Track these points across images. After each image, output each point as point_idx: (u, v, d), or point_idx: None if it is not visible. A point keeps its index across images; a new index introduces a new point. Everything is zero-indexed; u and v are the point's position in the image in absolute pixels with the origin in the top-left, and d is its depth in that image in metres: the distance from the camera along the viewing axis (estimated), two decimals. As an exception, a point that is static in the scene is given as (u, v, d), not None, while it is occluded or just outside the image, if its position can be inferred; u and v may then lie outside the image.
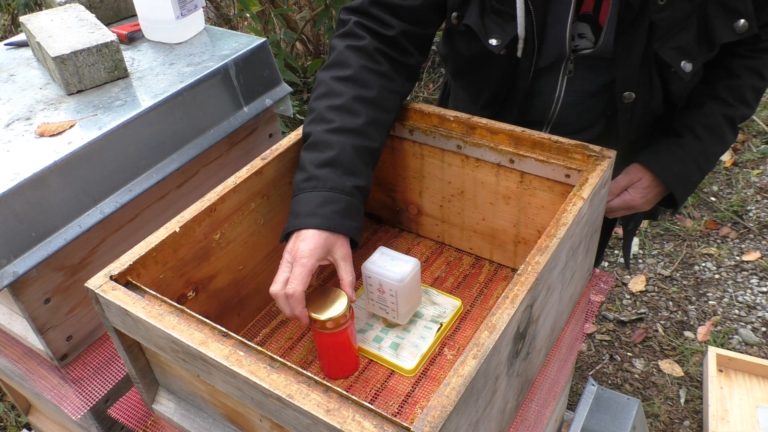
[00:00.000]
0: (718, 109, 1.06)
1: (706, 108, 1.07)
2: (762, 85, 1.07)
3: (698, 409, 1.85)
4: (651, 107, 1.05)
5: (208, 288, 0.89)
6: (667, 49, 0.95)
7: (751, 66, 1.06)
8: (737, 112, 1.07)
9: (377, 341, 0.94)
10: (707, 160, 1.09)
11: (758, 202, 2.51)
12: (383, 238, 1.16)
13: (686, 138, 1.07)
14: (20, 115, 0.99)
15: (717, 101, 1.07)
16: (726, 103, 1.06)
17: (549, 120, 1.12)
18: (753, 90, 1.07)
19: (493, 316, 0.66)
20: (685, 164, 1.07)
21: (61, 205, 0.89)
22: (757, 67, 1.06)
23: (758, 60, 1.05)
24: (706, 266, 2.29)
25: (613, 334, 2.10)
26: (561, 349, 0.96)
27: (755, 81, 1.07)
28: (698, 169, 1.09)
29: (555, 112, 1.11)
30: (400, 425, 0.56)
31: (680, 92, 1.05)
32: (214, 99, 1.07)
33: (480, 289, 1.04)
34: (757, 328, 2.05)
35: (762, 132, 2.81)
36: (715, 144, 1.08)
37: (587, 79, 1.06)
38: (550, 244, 0.74)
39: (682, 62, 0.96)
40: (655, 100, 1.04)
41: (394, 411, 0.85)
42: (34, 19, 1.12)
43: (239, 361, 0.63)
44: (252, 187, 0.90)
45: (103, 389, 0.96)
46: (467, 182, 1.02)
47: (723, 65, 1.07)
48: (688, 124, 1.08)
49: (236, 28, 3.14)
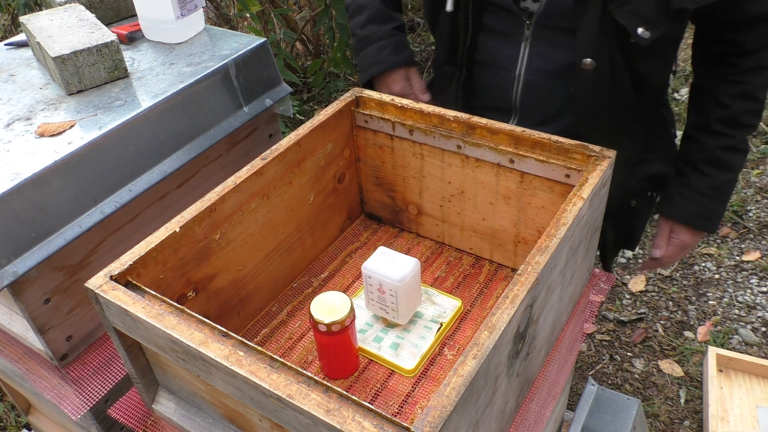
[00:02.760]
0: (714, 143, 1.07)
1: (703, 143, 1.08)
2: (758, 106, 1.06)
3: (698, 409, 1.85)
4: (616, 84, 1.02)
5: (208, 288, 0.89)
6: (623, 12, 0.93)
7: (740, 93, 1.05)
8: (737, 138, 1.07)
9: (377, 341, 0.94)
10: (721, 191, 1.10)
11: (758, 202, 2.52)
12: (383, 238, 1.16)
13: (691, 177, 1.09)
14: (20, 115, 0.99)
15: (711, 135, 1.07)
16: (722, 135, 1.07)
17: (514, 104, 1.12)
18: (749, 114, 1.06)
19: (493, 316, 0.66)
20: (700, 203, 1.09)
21: (61, 205, 0.89)
22: (746, 93, 1.05)
23: (746, 85, 1.04)
24: (706, 266, 2.29)
25: (613, 334, 2.10)
26: (561, 349, 0.96)
27: (749, 105, 1.05)
28: (714, 201, 1.10)
29: (518, 94, 1.10)
30: (400, 425, 0.56)
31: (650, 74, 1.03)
32: (214, 99, 1.07)
33: (480, 289, 1.04)
34: (757, 328, 2.05)
35: (762, 132, 2.81)
36: (722, 175, 1.09)
37: (548, 57, 1.05)
38: (550, 244, 0.74)
39: (639, 29, 0.94)
40: (618, 75, 1.02)
41: (394, 411, 0.85)
42: (34, 19, 1.12)
43: (239, 361, 0.63)
44: (252, 187, 0.90)
45: (103, 389, 0.96)
46: (467, 182, 1.02)
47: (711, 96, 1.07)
48: (689, 162, 1.10)
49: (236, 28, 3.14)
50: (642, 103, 1.08)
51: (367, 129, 1.07)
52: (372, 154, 1.10)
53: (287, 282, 1.06)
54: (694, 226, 1.12)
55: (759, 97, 1.05)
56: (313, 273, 1.09)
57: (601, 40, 0.98)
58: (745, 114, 1.06)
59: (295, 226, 1.03)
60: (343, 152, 1.08)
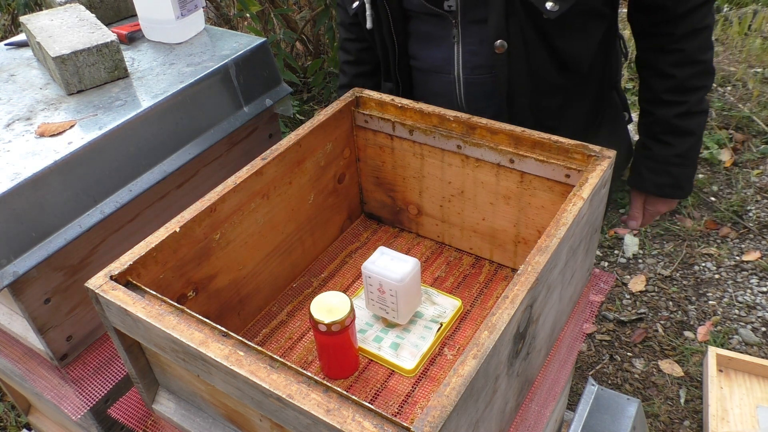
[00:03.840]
0: (669, 112, 1.09)
1: (658, 115, 1.10)
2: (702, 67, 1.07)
3: (698, 409, 1.85)
4: (536, 65, 1.02)
5: (208, 288, 0.89)
6: None
7: (680, 60, 1.05)
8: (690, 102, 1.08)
9: (377, 341, 0.94)
10: (687, 156, 1.12)
11: (758, 202, 2.52)
12: (383, 238, 1.16)
13: (654, 149, 1.11)
14: (20, 115, 0.99)
15: (664, 105, 1.09)
16: (675, 104, 1.08)
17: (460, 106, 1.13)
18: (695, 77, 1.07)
19: (493, 316, 0.66)
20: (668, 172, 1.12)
21: (61, 205, 0.89)
22: (687, 59, 1.05)
23: (684, 51, 1.05)
24: (706, 266, 2.29)
25: (613, 334, 2.10)
26: (561, 349, 0.96)
27: (692, 69, 1.06)
28: (682, 167, 1.12)
29: (461, 95, 1.11)
30: (400, 425, 0.56)
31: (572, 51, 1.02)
32: (214, 99, 1.07)
33: (480, 289, 1.04)
34: (757, 328, 2.05)
35: (762, 132, 2.81)
36: (684, 141, 1.11)
37: (477, 53, 1.05)
38: (550, 244, 0.74)
39: (548, 3, 0.93)
40: (537, 56, 1.01)
41: (394, 411, 0.85)
42: (34, 19, 1.12)
43: (239, 361, 0.63)
44: (252, 187, 0.90)
45: (103, 389, 0.96)
46: (467, 182, 1.02)
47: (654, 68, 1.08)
48: (650, 134, 1.12)
49: (236, 28, 3.14)
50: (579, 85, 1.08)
51: (367, 129, 1.07)
52: (372, 154, 1.10)
53: (287, 282, 1.06)
54: (666, 195, 1.15)
55: (700, 59, 1.06)
56: (313, 273, 1.09)
57: (511, 21, 0.97)
58: (691, 78, 1.07)
59: (295, 226, 1.03)
60: (343, 152, 1.08)
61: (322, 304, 0.83)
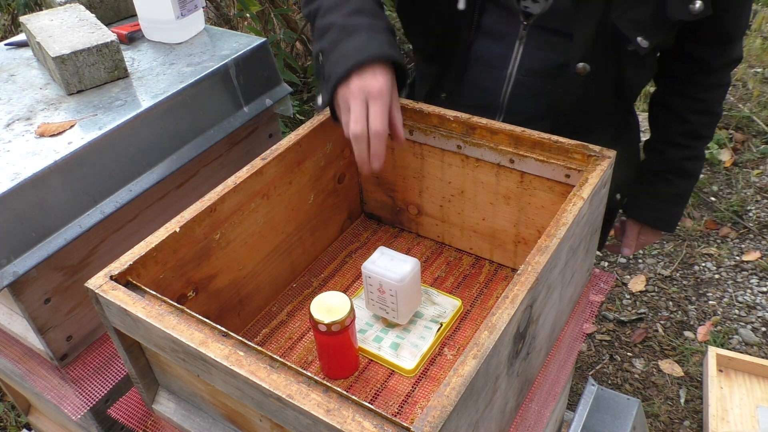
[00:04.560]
0: (679, 154, 1.17)
1: (668, 155, 1.18)
2: (715, 119, 1.17)
3: (698, 409, 1.85)
4: (602, 90, 1.04)
5: (208, 288, 0.89)
6: (625, 20, 0.95)
7: (701, 109, 1.13)
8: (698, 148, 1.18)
9: (377, 341, 0.94)
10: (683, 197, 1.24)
11: (758, 202, 2.52)
12: (383, 238, 1.16)
13: (659, 186, 1.21)
14: (20, 115, 0.99)
15: (676, 147, 1.17)
16: (685, 147, 1.17)
17: (501, 103, 1.13)
18: (708, 126, 1.16)
19: (493, 316, 0.66)
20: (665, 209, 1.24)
21: (61, 205, 0.89)
22: (707, 109, 1.14)
23: (707, 102, 1.12)
24: (706, 266, 2.29)
25: (613, 334, 2.10)
26: (561, 349, 0.96)
27: (708, 119, 1.15)
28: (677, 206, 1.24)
29: (507, 93, 1.11)
30: (400, 425, 0.56)
31: (634, 82, 1.06)
32: (214, 99, 1.07)
33: (480, 289, 1.04)
34: (757, 328, 2.05)
35: (762, 132, 2.81)
36: (686, 182, 1.21)
37: (538, 58, 1.06)
38: (550, 244, 0.74)
39: (638, 38, 0.95)
40: (607, 82, 1.03)
41: (394, 411, 0.85)
42: (34, 19, 1.12)
43: (239, 361, 0.63)
44: (252, 187, 0.90)
45: (103, 389, 0.96)
46: (467, 182, 1.02)
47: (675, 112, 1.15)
48: (657, 172, 1.20)
49: (236, 28, 3.14)
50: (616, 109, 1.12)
51: (367, 129, 1.07)
52: (372, 154, 1.10)
53: (287, 282, 1.06)
54: (659, 228, 1.27)
55: (717, 111, 1.15)
56: (313, 273, 1.09)
57: (598, 45, 0.98)
58: (704, 127, 1.16)
59: (295, 226, 1.03)
60: (343, 152, 1.08)
61: (322, 304, 0.83)
